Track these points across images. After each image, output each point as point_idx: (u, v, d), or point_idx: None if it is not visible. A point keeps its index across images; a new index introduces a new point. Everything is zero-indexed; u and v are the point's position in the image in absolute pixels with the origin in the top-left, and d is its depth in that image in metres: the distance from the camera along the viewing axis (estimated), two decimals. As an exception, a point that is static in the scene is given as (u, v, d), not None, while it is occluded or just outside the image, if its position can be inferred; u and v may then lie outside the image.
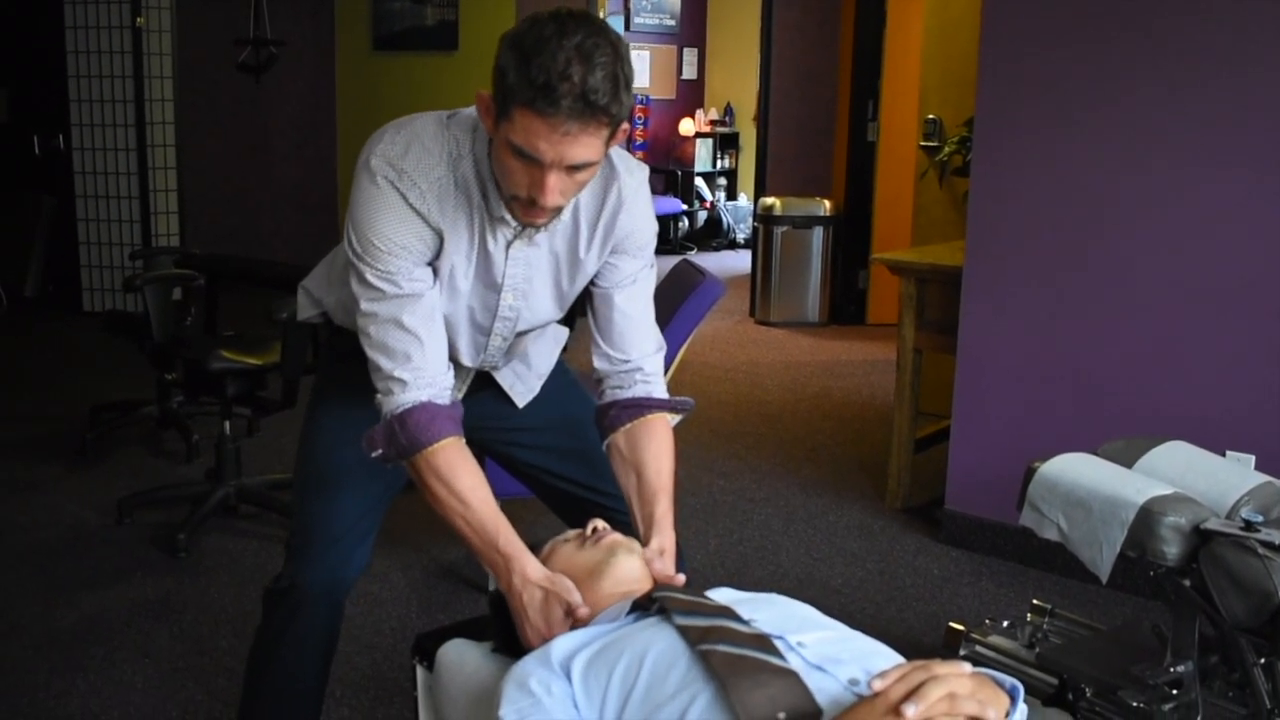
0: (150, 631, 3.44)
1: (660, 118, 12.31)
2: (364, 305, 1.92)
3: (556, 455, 2.32)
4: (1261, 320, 3.45)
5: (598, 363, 2.13)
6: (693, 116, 12.34)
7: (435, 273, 1.95)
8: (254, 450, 4.91)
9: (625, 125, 1.83)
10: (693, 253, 11.52)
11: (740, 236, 12.19)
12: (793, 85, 8.45)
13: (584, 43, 1.66)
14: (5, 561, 3.92)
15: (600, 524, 1.92)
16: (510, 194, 1.83)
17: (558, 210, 1.86)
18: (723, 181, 12.54)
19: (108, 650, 3.31)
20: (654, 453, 2.07)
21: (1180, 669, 2.34)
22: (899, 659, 1.52)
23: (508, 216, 1.91)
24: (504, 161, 1.78)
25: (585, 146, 1.72)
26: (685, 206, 12.09)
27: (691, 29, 12.58)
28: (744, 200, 12.36)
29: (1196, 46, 3.47)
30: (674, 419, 2.16)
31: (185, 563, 3.91)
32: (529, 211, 1.83)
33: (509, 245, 1.97)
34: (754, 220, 8.58)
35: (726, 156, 12.55)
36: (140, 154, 7.59)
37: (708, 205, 12.30)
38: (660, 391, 2.14)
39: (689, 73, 12.62)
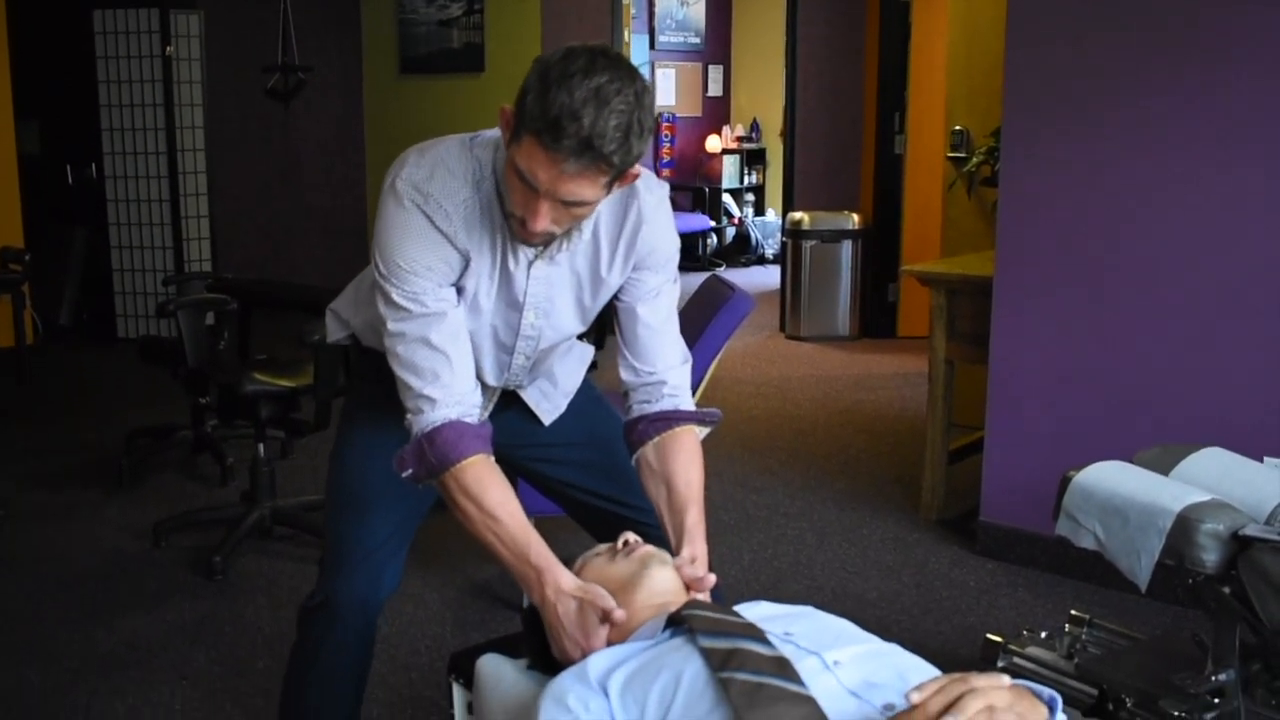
0: (188, 654, 3.45)
1: (687, 135, 12.33)
2: (391, 325, 1.95)
3: (584, 471, 2.33)
4: (1297, 325, 3.42)
5: (624, 375, 2.16)
6: (719, 133, 12.35)
7: (460, 292, 1.98)
8: (288, 472, 4.94)
9: (636, 169, 1.85)
10: (722, 269, 11.50)
11: (769, 252, 12.17)
12: (818, 100, 8.44)
13: (605, 86, 1.68)
14: (44, 588, 3.95)
15: (632, 537, 1.93)
16: (509, 210, 1.87)
17: (548, 237, 1.89)
18: (750, 197, 12.54)
19: (146, 674, 3.33)
20: (683, 464, 2.08)
21: (1222, 677, 2.31)
22: (937, 673, 1.51)
23: None
24: (509, 179, 1.82)
25: (581, 186, 1.75)
26: (713, 223, 12.09)
27: (717, 46, 12.61)
28: (772, 215, 12.36)
29: (1227, 46, 3.45)
30: (702, 431, 2.18)
31: (222, 585, 3.94)
32: (521, 230, 1.87)
33: (530, 265, 2.00)
34: (783, 235, 8.57)
35: (754, 172, 12.55)
36: (172, 181, 7.69)
37: (736, 221, 12.29)
38: (687, 405, 2.16)
39: (715, 90, 12.64)
